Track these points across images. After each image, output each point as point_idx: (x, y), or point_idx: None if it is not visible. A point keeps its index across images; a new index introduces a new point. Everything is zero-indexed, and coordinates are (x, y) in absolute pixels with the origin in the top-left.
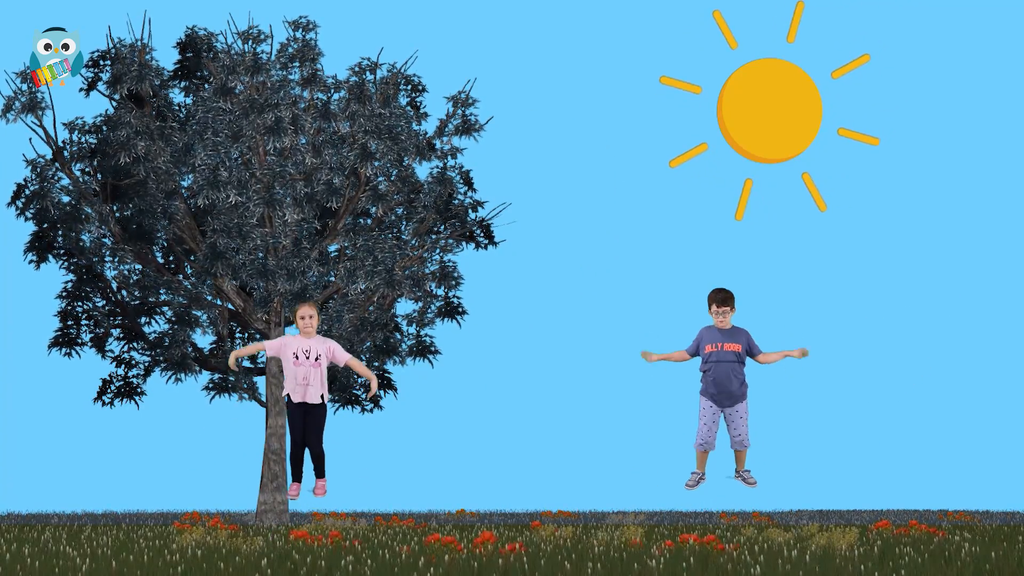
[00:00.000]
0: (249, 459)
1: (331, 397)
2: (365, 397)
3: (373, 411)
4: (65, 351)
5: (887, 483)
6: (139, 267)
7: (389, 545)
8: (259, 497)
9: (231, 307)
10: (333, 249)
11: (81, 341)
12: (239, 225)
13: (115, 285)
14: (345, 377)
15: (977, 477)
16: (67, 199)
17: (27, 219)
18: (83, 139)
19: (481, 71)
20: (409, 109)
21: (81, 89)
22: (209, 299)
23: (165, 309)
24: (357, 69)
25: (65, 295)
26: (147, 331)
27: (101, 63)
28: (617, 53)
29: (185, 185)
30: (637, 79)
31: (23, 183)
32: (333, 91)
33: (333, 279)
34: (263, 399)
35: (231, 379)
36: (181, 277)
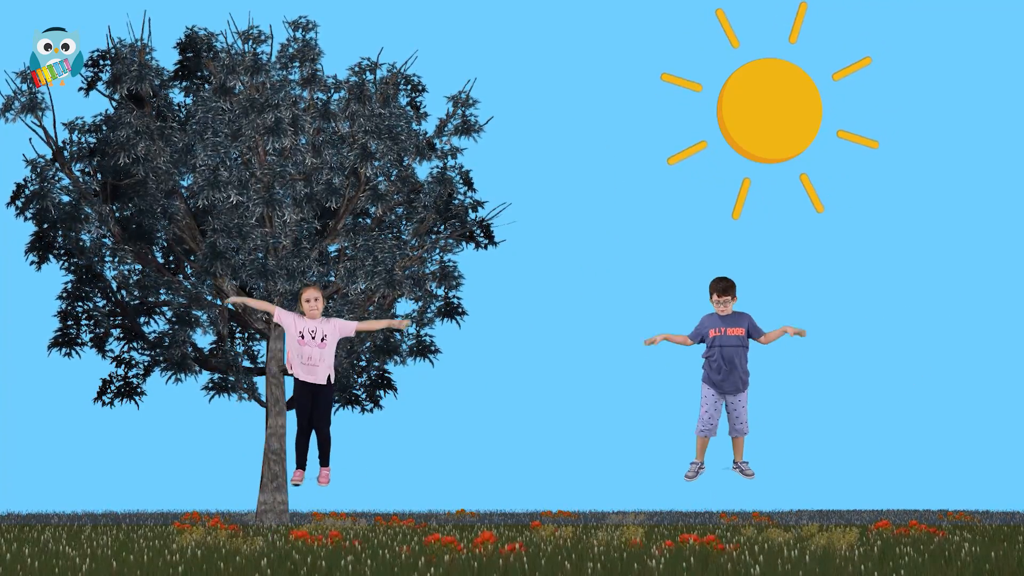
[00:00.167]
0: (249, 459)
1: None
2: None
3: (373, 411)
4: (65, 351)
5: (887, 483)
6: (139, 267)
7: (389, 545)
8: (259, 497)
9: (231, 307)
10: (333, 249)
11: (81, 341)
12: (239, 225)
13: (115, 285)
14: (345, 377)
15: (977, 477)
16: (67, 199)
17: (27, 219)
18: (83, 139)
19: (481, 71)
20: (409, 109)
21: (81, 89)
22: (209, 299)
23: (165, 309)
24: (357, 69)
25: (65, 295)
26: (147, 331)
27: (101, 63)
28: (618, 51)
29: (185, 185)
30: (638, 77)
31: (23, 183)
32: (333, 91)
33: (333, 279)
34: (263, 399)
35: (231, 379)
36: (181, 277)
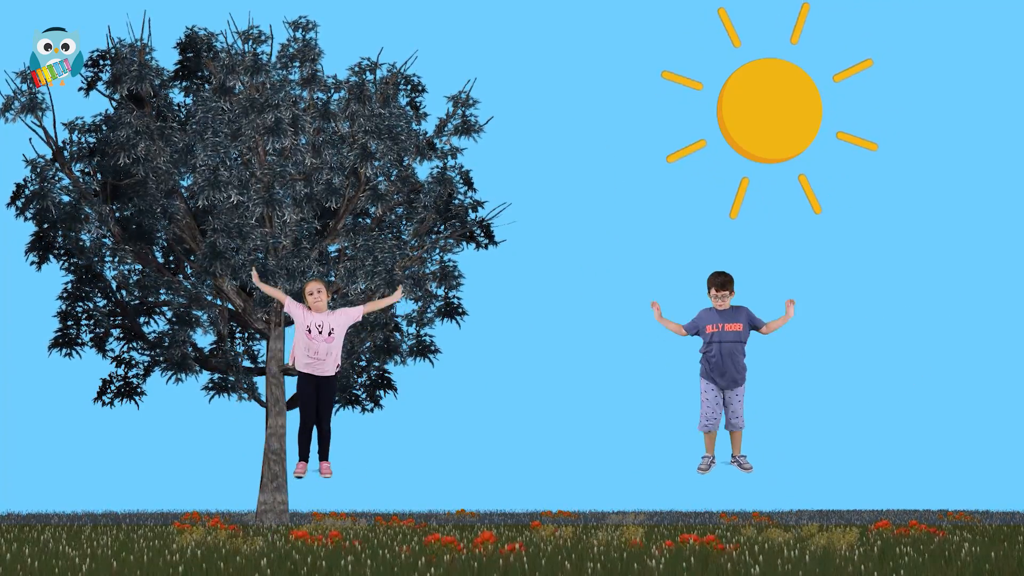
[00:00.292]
0: (249, 459)
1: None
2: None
3: (373, 411)
4: (65, 352)
5: (887, 483)
6: (139, 267)
7: (389, 545)
8: (259, 497)
9: (231, 307)
10: (333, 249)
11: (81, 341)
12: (239, 225)
13: (115, 285)
14: (345, 377)
15: (977, 477)
16: (67, 199)
17: (27, 219)
18: (83, 139)
19: (481, 71)
20: (409, 109)
21: (81, 89)
22: (209, 299)
23: (165, 309)
24: (357, 69)
25: (65, 295)
26: (147, 331)
27: (101, 63)
28: (619, 49)
29: (185, 185)
30: (639, 75)
31: (23, 183)
32: (333, 91)
33: (333, 279)
34: (263, 399)
35: (231, 379)
36: (181, 277)
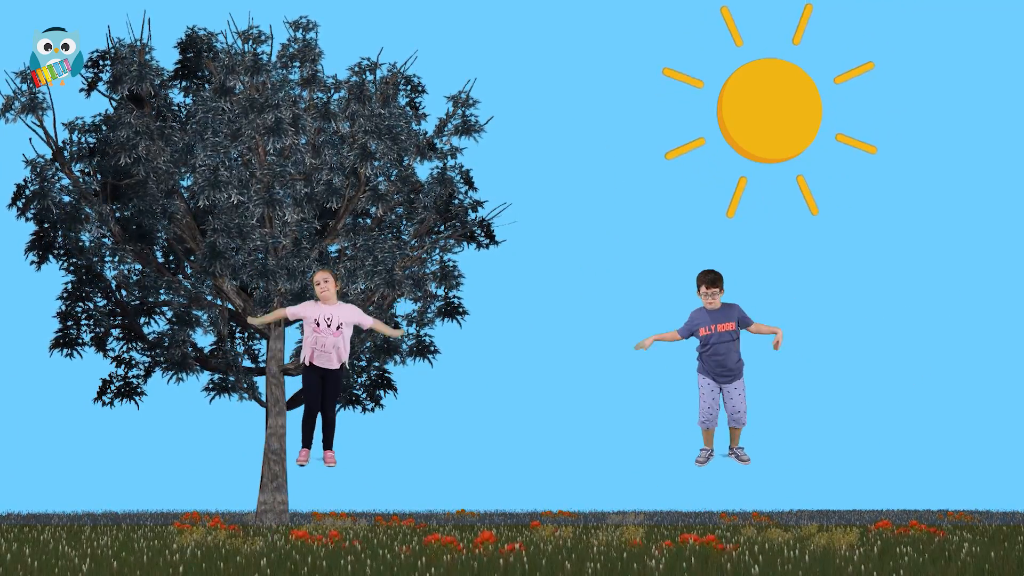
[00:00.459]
0: (249, 459)
1: None
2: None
3: (374, 410)
4: (66, 352)
5: (887, 483)
6: (139, 267)
7: (389, 545)
8: (259, 497)
9: (231, 307)
10: (333, 249)
11: (82, 341)
12: (239, 225)
13: (115, 285)
14: (345, 377)
15: (977, 477)
16: (67, 199)
17: (27, 219)
18: (83, 139)
19: (481, 71)
20: (408, 109)
21: (81, 89)
22: (209, 299)
23: (165, 309)
24: (357, 69)
25: (65, 295)
26: (147, 331)
27: (101, 63)
28: (620, 48)
29: (185, 185)
30: (639, 74)
31: (23, 184)
32: (333, 91)
33: None
34: (263, 399)
35: (231, 379)
36: (181, 277)
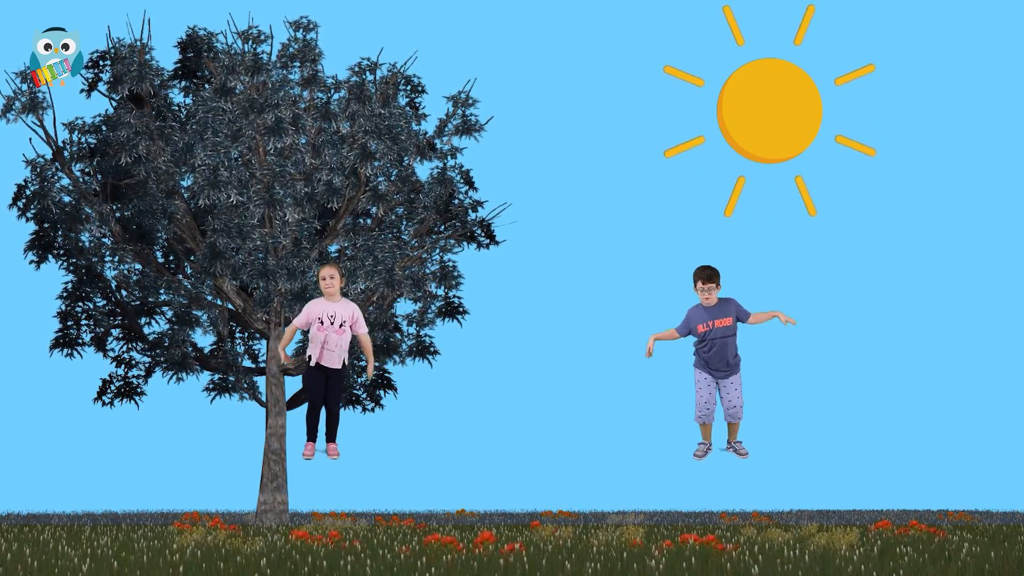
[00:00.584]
0: (249, 459)
1: None
2: (364, 380)
3: (374, 410)
4: (66, 352)
5: (887, 483)
6: (139, 267)
7: (389, 545)
8: (259, 497)
9: (231, 307)
10: (333, 249)
11: (82, 341)
12: (239, 225)
13: (115, 285)
14: (345, 377)
15: (977, 477)
16: (67, 199)
17: (27, 219)
18: (83, 139)
19: (481, 71)
20: (408, 109)
21: (82, 90)
22: (209, 299)
23: (165, 309)
24: (357, 69)
25: (65, 295)
26: (147, 331)
27: (101, 63)
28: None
29: (185, 185)
30: (640, 72)
31: (23, 184)
32: (333, 91)
33: None
34: (263, 399)
35: (231, 379)
36: (181, 277)
